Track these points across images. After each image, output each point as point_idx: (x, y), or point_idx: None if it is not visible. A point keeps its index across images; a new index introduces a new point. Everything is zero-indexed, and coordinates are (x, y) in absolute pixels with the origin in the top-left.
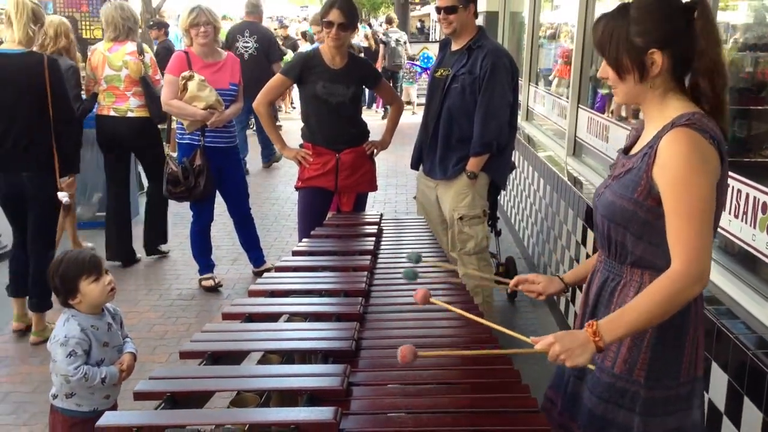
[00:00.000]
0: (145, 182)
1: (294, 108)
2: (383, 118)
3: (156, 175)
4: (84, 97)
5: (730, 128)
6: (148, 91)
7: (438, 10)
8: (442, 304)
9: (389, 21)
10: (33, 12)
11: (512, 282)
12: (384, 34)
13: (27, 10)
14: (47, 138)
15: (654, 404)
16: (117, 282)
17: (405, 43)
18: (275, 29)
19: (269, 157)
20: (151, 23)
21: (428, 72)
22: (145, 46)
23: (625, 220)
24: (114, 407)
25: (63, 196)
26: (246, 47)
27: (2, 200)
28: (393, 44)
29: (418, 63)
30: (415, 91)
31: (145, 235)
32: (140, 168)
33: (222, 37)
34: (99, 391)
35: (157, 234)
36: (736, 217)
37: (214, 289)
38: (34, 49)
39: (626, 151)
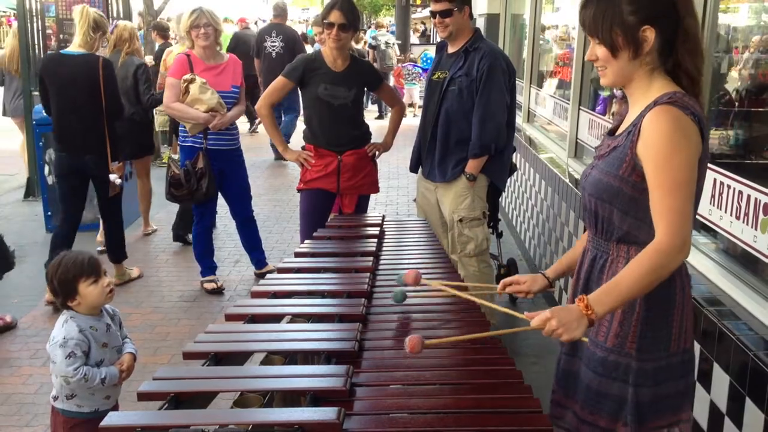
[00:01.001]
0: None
1: None
2: (379, 117)
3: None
4: (155, 90)
5: (730, 129)
6: None
7: (433, 14)
8: (434, 284)
9: (378, 26)
10: (95, 21)
11: (499, 286)
12: (373, 38)
13: (89, 19)
14: (102, 126)
15: (645, 375)
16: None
17: (394, 45)
18: None
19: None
20: (153, 25)
21: None
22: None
23: (611, 196)
24: (115, 408)
25: (114, 178)
26: (273, 46)
27: (61, 176)
28: (383, 47)
29: (419, 64)
30: (417, 92)
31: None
32: None
33: (223, 40)
34: (99, 392)
35: (186, 223)
36: (738, 218)
37: (216, 292)
38: (106, 53)
39: (612, 133)
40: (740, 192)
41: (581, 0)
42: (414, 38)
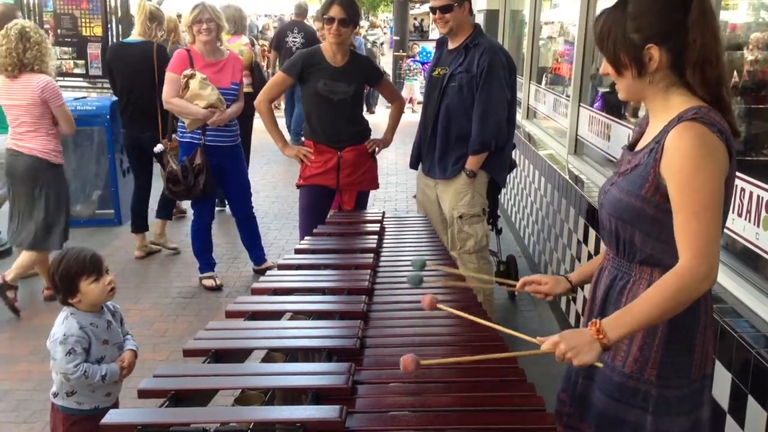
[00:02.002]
0: None
1: None
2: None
3: (246, 139)
4: None
5: (741, 128)
6: (258, 72)
7: (433, 10)
8: (448, 309)
9: (373, 25)
10: (151, 13)
11: (519, 284)
12: (364, 37)
13: (145, 11)
14: (157, 106)
15: (666, 403)
16: (117, 280)
17: (382, 44)
18: (274, 27)
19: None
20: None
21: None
22: (252, 38)
23: (633, 218)
24: (115, 405)
25: (158, 148)
26: (294, 41)
27: (127, 150)
28: (369, 45)
29: (417, 59)
30: (418, 88)
31: None
32: None
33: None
34: (100, 389)
35: None
36: (740, 215)
37: (215, 289)
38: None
39: (631, 147)
40: (742, 189)
41: (585, 19)
42: (434, 33)
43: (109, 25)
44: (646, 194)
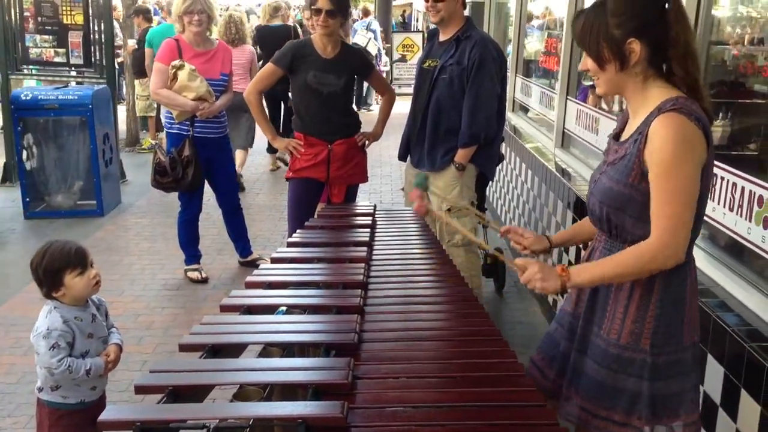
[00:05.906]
0: None
1: None
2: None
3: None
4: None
5: (726, 122)
6: None
7: None
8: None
9: (366, 13)
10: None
11: (503, 229)
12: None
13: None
14: None
15: (659, 369)
16: (100, 272)
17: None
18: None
19: None
20: (133, 11)
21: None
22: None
23: (623, 204)
24: (102, 399)
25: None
26: None
27: (266, 99)
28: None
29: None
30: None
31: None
32: None
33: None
34: (85, 383)
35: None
36: (731, 210)
37: (201, 281)
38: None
39: (617, 137)
40: (734, 184)
41: (575, 12)
42: (418, 26)
43: (92, 18)
44: (633, 182)
